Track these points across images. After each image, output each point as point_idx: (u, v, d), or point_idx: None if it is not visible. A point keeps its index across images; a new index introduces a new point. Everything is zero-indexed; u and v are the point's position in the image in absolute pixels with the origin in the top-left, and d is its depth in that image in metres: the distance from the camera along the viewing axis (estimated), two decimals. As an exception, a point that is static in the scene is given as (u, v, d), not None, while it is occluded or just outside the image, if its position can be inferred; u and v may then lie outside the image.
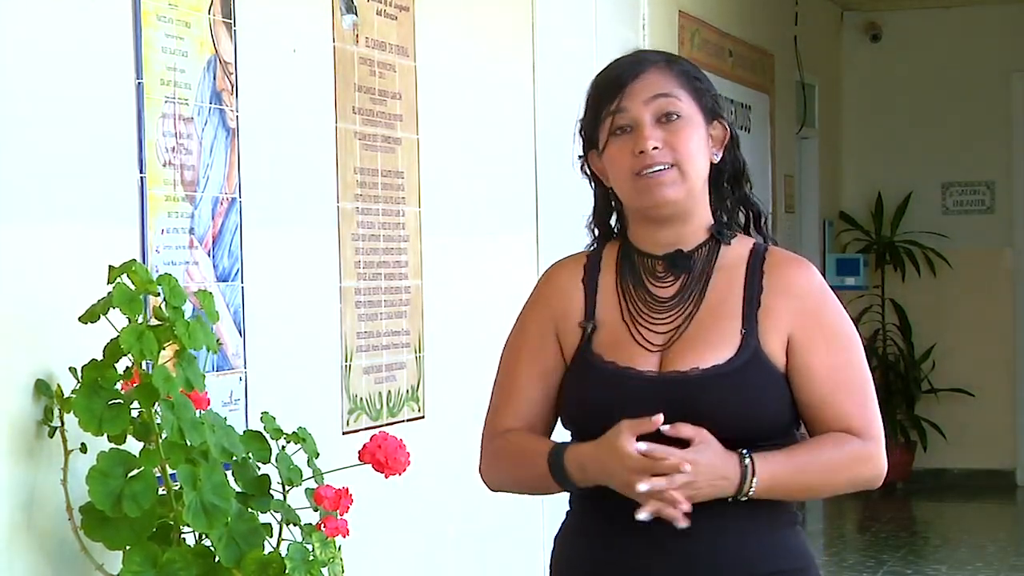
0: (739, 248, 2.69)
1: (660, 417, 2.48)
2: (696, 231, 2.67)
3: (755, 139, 8.28)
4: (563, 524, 2.74)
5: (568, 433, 2.70)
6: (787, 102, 9.22)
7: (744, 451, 2.52)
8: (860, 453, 2.61)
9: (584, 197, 2.83)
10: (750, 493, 2.52)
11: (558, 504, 2.79)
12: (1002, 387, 10.49)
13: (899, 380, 10.50)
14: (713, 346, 2.59)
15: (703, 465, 2.48)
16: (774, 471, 2.53)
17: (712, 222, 2.69)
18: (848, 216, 10.68)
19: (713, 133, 2.67)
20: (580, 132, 2.71)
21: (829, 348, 2.61)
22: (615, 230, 2.76)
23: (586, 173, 2.74)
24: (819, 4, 10.15)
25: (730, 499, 2.52)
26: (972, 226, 10.54)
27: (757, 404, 2.57)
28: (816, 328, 2.60)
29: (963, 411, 10.44)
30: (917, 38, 10.59)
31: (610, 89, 2.64)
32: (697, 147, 2.62)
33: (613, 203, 2.73)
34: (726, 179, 2.71)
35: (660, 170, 2.58)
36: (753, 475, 2.51)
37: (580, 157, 2.73)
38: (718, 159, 2.68)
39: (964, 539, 8.89)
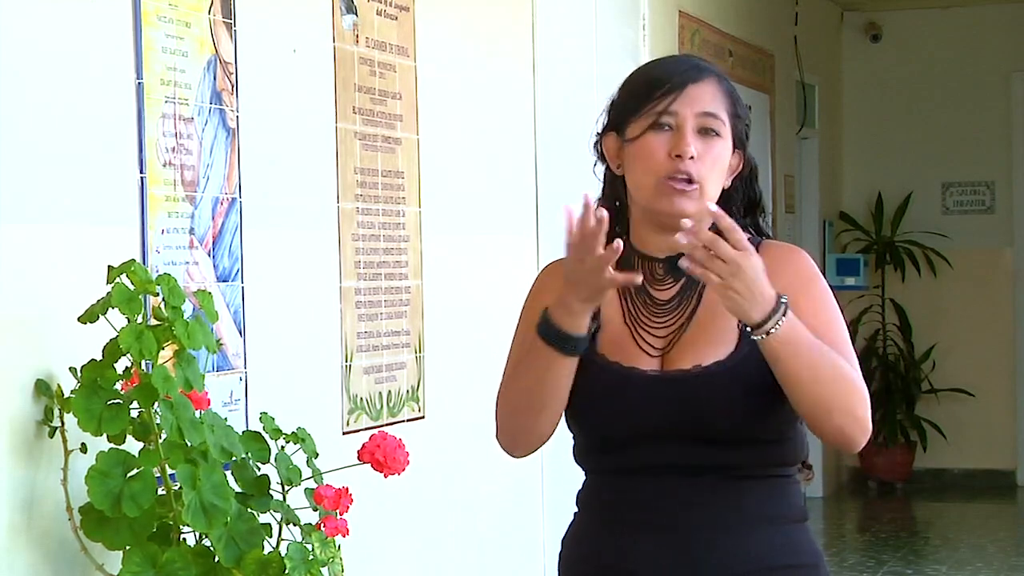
0: None
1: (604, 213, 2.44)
2: None
3: (755, 139, 8.22)
4: (571, 524, 2.74)
5: (570, 431, 2.69)
6: (787, 102, 9.22)
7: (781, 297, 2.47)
8: (861, 388, 2.56)
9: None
10: (772, 330, 2.45)
11: (559, 504, 2.79)
12: (1002, 387, 10.48)
13: (899, 380, 10.49)
14: (713, 343, 2.60)
15: (751, 266, 2.42)
16: (795, 326, 2.48)
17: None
18: (848, 216, 10.67)
19: (731, 161, 2.70)
20: (608, 111, 2.71)
21: (816, 313, 2.58)
22: (616, 229, 2.75)
23: (598, 151, 2.74)
24: (819, 4, 10.14)
25: (749, 329, 2.47)
26: (972, 226, 10.53)
27: (760, 397, 2.57)
28: (803, 296, 2.58)
29: (963, 411, 10.44)
30: (917, 38, 10.59)
31: (665, 86, 2.63)
32: (721, 169, 2.66)
33: (620, 192, 2.72)
34: (736, 206, 2.72)
35: (685, 181, 2.59)
36: (784, 313, 2.46)
37: (598, 135, 2.73)
38: (728, 185, 2.70)
39: (964, 539, 8.88)
